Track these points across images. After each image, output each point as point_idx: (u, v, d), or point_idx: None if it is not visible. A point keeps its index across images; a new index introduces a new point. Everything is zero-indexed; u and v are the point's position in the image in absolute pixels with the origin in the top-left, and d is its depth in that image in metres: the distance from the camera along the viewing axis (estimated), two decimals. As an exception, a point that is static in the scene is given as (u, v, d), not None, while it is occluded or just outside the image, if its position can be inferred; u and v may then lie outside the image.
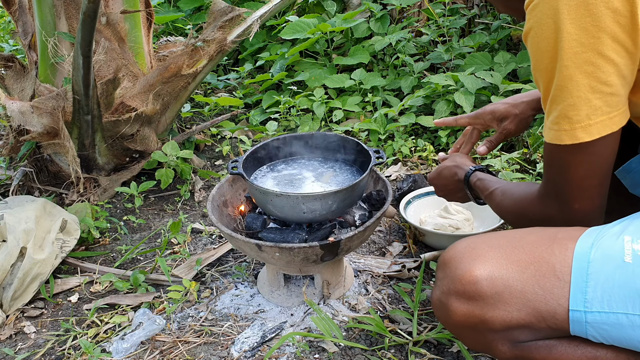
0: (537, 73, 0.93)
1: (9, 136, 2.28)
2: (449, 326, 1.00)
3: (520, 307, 0.91)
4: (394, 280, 1.68)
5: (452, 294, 0.95)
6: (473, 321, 0.94)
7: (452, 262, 0.97)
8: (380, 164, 1.47)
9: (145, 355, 1.44)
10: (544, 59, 0.90)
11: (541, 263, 0.91)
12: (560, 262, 0.90)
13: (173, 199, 2.30)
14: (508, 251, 0.94)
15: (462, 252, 0.97)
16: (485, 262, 0.93)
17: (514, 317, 0.91)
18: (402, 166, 2.40)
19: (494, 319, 0.92)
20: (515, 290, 0.91)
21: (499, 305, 0.91)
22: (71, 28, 2.17)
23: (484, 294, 0.92)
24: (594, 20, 0.84)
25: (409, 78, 2.83)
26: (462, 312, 0.94)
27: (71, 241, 1.84)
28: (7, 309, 1.64)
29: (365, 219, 1.53)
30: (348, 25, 3.12)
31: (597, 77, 0.86)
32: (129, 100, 2.23)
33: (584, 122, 0.88)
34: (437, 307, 1.00)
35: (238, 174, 1.45)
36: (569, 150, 0.92)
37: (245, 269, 1.77)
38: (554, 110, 0.91)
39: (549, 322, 0.90)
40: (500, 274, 0.92)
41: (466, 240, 1.00)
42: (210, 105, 3.09)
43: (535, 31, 0.90)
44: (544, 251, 0.92)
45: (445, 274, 0.98)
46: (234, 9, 2.40)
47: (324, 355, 1.39)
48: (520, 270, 0.91)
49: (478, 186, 1.27)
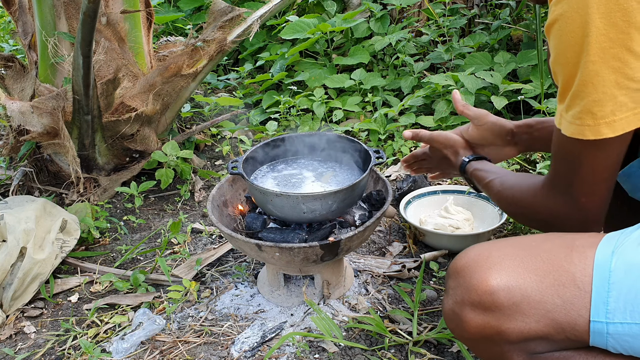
0: (557, 66, 0.90)
1: (9, 136, 2.28)
2: (462, 338, 0.97)
3: (538, 318, 0.88)
4: (394, 280, 1.67)
5: (466, 305, 0.92)
6: (488, 332, 0.91)
7: (466, 271, 0.93)
8: (380, 164, 1.47)
9: (145, 355, 1.44)
10: (567, 52, 0.87)
11: (560, 272, 0.88)
12: (580, 271, 0.87)
13: (173, 199, 2.30)
14: (525, 259, 0.91)
15: (476, 261, 0.93)
16: (501, 271, 0.90)
17: (532, 329, 0.88)
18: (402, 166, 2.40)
19: (511, 330, 0.89)
20: (534, 300, 0.88)
21: (516, 316, 0.88)
22: (71, 28, 2.17)
23: (500, 305, 0.89)
24: (625, 15, 0.82)
25: (409, 78, 2.83)
26: (477, 324, 0.91)
27: (71, 241, 1.84)
28: (7, 309, 1.64)
29: (365, 219, 1.53)
30: (348, 25, 3.12)
31: (624, 73, 0.84)
32: (129, 100, 2.23)
33: (609, 118, 0.86)
34: (449, 318, 0.97)
35: (238, 174, 1.45)
36: (588, 146, 0.89)
37: (245, 269, 1.77)
38: (576, 104, 0.88)
39: (568, 333, 0.88)
40: (517, 284, 0.88)
41: (478, 248, 0.97)
42: (210, 105, 3.09)
43: (561, 24, 0.87)
44: (563, 259, 0.89)
45: (459, 283, 0.94)
46: (234, 9, 2.40)
47: (324, 355, 1.39)
48: (539, 280, 0.88)
49: (475, 176, 1.25)
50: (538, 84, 2.43)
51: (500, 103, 2.37)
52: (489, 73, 2.53)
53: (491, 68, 2.66)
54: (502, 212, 1.81)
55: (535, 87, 2.43)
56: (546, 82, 2.29)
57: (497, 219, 1.81)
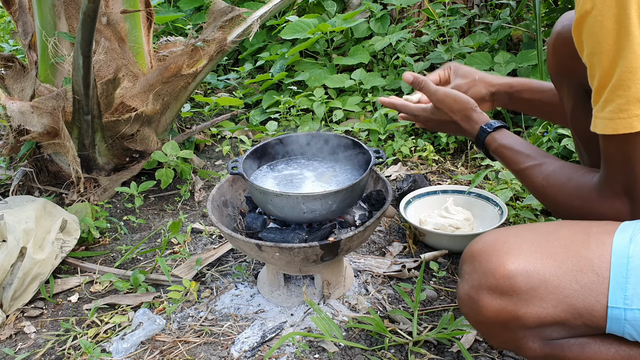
0: (595, 58, 0.85)
1: (9, 136, 2.28)
2: (477, 323, 0.95)
3: (556, 303, 0.87)
4: (394, 280, 1.67)
5: (483, 289, 0.91)
6: (505, 317, 0.90)
7: (483, 255, 0.92)
8: (380, 164, 1.47)
9: (145, 355, 1.44)
10: (607, 40, 0.83)
11: (578, 258, 0.87)
12: (598, 257, 0.86)
13: (173, 199, 2.30)
14: (542, 245, 0.90)
15: (493, 245, 0.92)
16: (519, 255, 0.89)
17: (549, 314, 0.88)
18: (402, 166, 2.40)
19: (528, 315, 0.88)
20: (552, 285, 0.87)
21: (534, 301, 0.87)
22: (71, 28, 2.17)
23: (518, 289, 0.88)
24: None
25: (409, 78, 2.83)
26: (493, 308, 0.90)
27: (71, 241, 1.84)
28: (7, 309, 1.64)
29: (365, 219, 1.53)
30: (348, 25, 3.12)
31: None
32: (129, 100, 2.23)
33: None
34: (465, 302, 0.95)
35: (238, 174, 1.45)
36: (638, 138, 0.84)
37: (245, 269, 1.77)
38: (618, 97, 0.83)
39: (586, 319, 0.87)
40: (535, 269, 0.88)
41: (495, 233, 0.95)
42: (210, 105, 3.09)
43: (599, 10, 0.82)
44: (580, 245, 0.88)
45: (475, 267, 0.93)
46: (234, 9, 2.40)
47: (324, 355, 1.39)
48: (557, 265, 0.87)
49: (502, 154, 1.15)
50: (538, 84, 2.42)
51: (500, 103, 2.37)
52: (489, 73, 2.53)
53: (491, 68, 2.66)
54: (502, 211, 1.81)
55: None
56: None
57: (497, 219, 1.81)
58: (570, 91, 1.38)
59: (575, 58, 1.32)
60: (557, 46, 1.35)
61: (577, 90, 1.36)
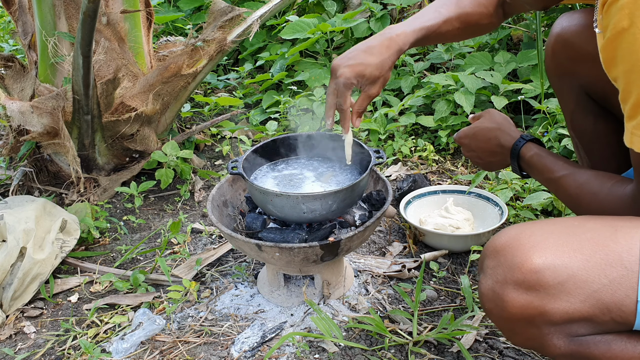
0: (634, 75, 0.84)
1: (9, 136, 2.28)
2: (501, 319, 0.93)
3: (584, 298, 0.85)
4: (394, 280, 1.67)
5: (509, 284, 0.88)
6: (531, 313, 0.88)
7: (508, 250, 0.90)
8: (380, 164, 1.47)
9: (145, 355, 1.44)
10: None
11: (607, 252, 0.85)
12: (627, 251, 0.85)
13: (173, 199, 2.30)
14: (569, 238, 0.88)
15: (518, 239, 0.90)
16: (545, 249, 0.87)
17: (577, 309, 0.86)
18: (402, 166, 2.40)
19: (555, 310, 0.86)
20: (580, 280, 0.85)
21: (561, 296, 0.85)
22: (71, 28, 2.16)
23: (546, 284, 0.86)
24: None
25: (409, 78, 2.83)
26: (519, 303, 0.88)
27: (71, 241, 1.83)
28: (7, 309, 1.64)
29: (365, 219, 1.53)
30: (348, 25, 3.12)
31: None
32: (129, 100, 2.23)
33: None
34: (488, 298, 0.93)
35: (238, 174, 1.45)
36: None
37: (245, 269, 1.77)
38: None
39: (614, 314, 0.85)
40: (563, 263, 0.86)
41: (519, 227, 0.93)
42: (210, 105, 3.09)
43: (638, 27, 0.81)
44: (608, 239, 0.87)
45: (499, 262, 0.91)
46: (234, 9, 2.40)
47: (324, 355, 1.39)
48: (585, 259, 0.86)
49: (535, 163, 1.15)
50: (538, 83, 2.43)
51: (500, 103, 2.37)
52: (489, 73, 2.53)
53: (491, 68, 2.66)
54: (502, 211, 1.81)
55: (535, 87, 2.43)
56: (546, 82, 2.29)
57: (497, 219, 1.80)
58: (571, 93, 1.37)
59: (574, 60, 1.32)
60: (556, 48, 1.34)
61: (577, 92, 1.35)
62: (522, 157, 1.18)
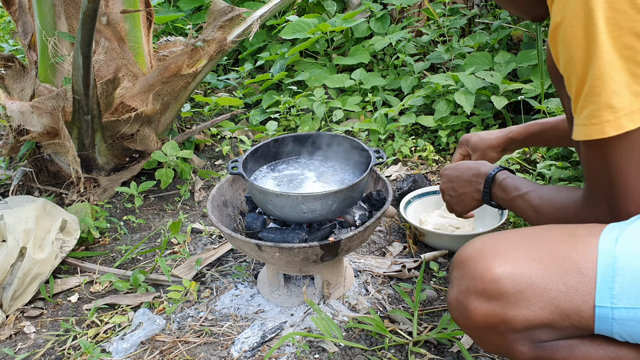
0: (570, 67, 0.88)
1: (9, 136, 2.28)
2: (467, 327, 0.96)
3: (543, 305, 0.88)
4: (394, 280, 1.67)
5: (471, 293, 0.92)
6: (493, 321, 0.91)
7: (471, 261, 0.93)
8: (380, 164, 1.47)
9: (145, 355, 1.44)
10: (579, 48, 0.85)
11: (564, 260, 0.88)
12: (583, 258, 0.87)
13: (173, 199, 2.30)
14: (529, 249, 0.91)
15: (481, 250, 0.93)
16: (506, 259, 0.90)
17: (537, 316, 0.88)
18: (402, 166, 2.40)
19: (516, 318, 0.89)
20: (539, 287, 0.88)
21: (521, 303, 0.88)
22: (71, 28, 2.16)
23: (505, 292, 0.88)
24: (632, 3, 0.81)
25: (409, 78, 2.83)
26: (482, 312, 0.91)
27: (71, 241, 1.83)
28: (7, 309, 1.64)
29: (365, 219, 1.53)
30: (348, 25, 3.12)
31: (636, 60, 0.82)
32: (129, 100, 2.23)
33: (627, 109, 0.83)
34: (454, 307, 0.96)
35: (238, 174, 1.45)
36: (613, 144, 0.86)
37: (245, 269, 1.77)
38: (590, 103, 0.85)
39: (573, 320, 0.87)
40: (522, 272, 0.89)
41: (483, 238, 0.97)
42: (210, 105, 3.09)
43: (568, 21, 0.85)
44: (567, 248, 0.89)
45: (463, 272, 0.94)
46: (234, 9, 2.40)
47: (324, 355, 1.39)
48: (543, 267, 0.88)
49: (506, 184, 1.18)
50: (538, 83, 2.43)
51: (501, 103, 2.37)
52: (489, 73, 2.53)
53: (491, 68, 2.66)
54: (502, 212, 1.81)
55: (535, 87, 2.43)
56: (546, 82, 2.29)
57: (497, 219, 1.80)
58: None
59: None
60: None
61: None
62: (495, 180, 1.21)
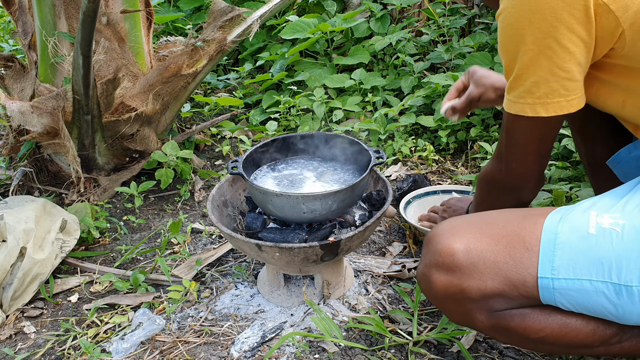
0: (502, 52, 1.03)
1: (9, 136, 2.28)
2: (431, 297, 1.09)
3: (493, 276, 1.00)
4: (394, 280, 1.67)
5: (433, 266, 1.04)
6: (452, 291, 1.03)
7: (434, 238, 1.06)
8: (380, 164, 1.47)
9: (145, 355, 1.44)
10: (510, 42, 0.99)
11: (512, 236, 1.00)
12: (529, 234, 0.99)
13: (173, 199, 2.30)
14: (483, 227, 1.04)
15: (444, 229, 1.06)
16: (462, 236, 1.03)
17: (488, 286, 1.00)
18: (402, 166, 2.40)
19: (471, 287, 1.01)
20: (489, 260, 1.00)
21: (474, 275, 1.00)
22: (71, 28, 2.16)
23: (460, 265, 1.01)
24: (552, 12, 0.92)
25: (409, 78, 2.83)
26: (441, 283, 1.03)
27: (71, 241, 1.84)
28: (7, 309, 1.64)
29: (365, 219, 1.53)
30: (348, 25, 3.12)
31: (555, 62, 0.95)
32: (129, 100, 2.23)
33: (543, 100, 0.98)
34: (420, 279, 1.10)
35: (238, 174, 1.45)
36: (525, 121, 1.03)
37: (245, 269, 1.77)
38: (519, 86, 1.01)
39: (521, 290, 0.99)
40: (475, 247, 1.01)
41: (449, 220, 1.10)
42: (210, 105, 3.09)
43: (505, 15, 0.99)
44: (516, 226, 1.02)
45: (428, 249, 1.07)
46: (234, 9, 2.40)
47: (324, 355, 1.39)
48: (493, 243, 1.01)
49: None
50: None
51: (501, 103, 2.37)
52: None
53: (491, 68, 2.66)
54: None
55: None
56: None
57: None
58: None
59: None
60: None
61: None
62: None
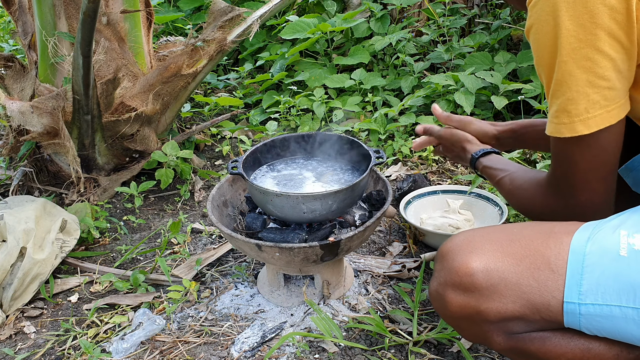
0: (539, 68, 0.96)
1: (9, 136, 2.28)
2: (445, 317, 1.02)
3: (515, 299, 0.92)
4: (394, 280, 1.67)
5: (448, 286, 0.97)
6: (468, 312, 0.96)
7: (450, 255, 0.98)
8: (380, 164, 1.47)
9: (145, 355, 1.44)
10: (544, 54, 0.93)
11: (536, 256, 0.92)
12: (555, 255, 0.91)
13: (173, 199, 2.30)
14: (504, 244, 0.96)
15: (460, 245, 0.98)
16: (481, 254, 0.95)
17: (508, 309, 0.93)
18: (402, 166, 2.40)
19: (489, 310, 0.94)
20: (510, 282, 0.92)
21: (494, 297, 0.93)
22: (71, 28, 2.16)
23: (479, 286, 0.93)
24: (591, 17, 0.87)
25: (409, 78, 2.83)
26: (457, 304, 0.96)
27: (71, 241, 1.83)
28: (7, 309, 1.64)
29: (365, 219, 1.53)
30: (348, 25, 3.12)
31: (594, 72, 0.89)
32: (129, 100, 2.23)
33: (582, 116, 0.91)
34: (434, 298, 1.02)
35: (238, 174, 1.45)
36: (569, 143, 0.94)
37: (245, 269, 1.77)
38: (554, 104, 0.94)
39: (543, 314, 0.92)
40: (495, 267, 0.93)
41: (464, 234, 1.02)
42: (210, 105, 3.09)
43: (536, 28, 0.93)
44: (540, 245, 0.93)
45: (443, 265, 0.99)
46: (234, 9, 2.40)
47: (324, 355, 1.39)
48: (516, 263, 0.93)
49: (486, 174, 1.27)
50: (538, 83, 2.43)
51: (501, 103, 2.37)
52: (489, 73, 2.53)
53: (491, 68, 2.66)
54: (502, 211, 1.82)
55: (535, 86, 2.43)
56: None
57: (497, 219, 1.80)
58: None
59: None
60: None
61: None
62: (477, 167, 1.32)
